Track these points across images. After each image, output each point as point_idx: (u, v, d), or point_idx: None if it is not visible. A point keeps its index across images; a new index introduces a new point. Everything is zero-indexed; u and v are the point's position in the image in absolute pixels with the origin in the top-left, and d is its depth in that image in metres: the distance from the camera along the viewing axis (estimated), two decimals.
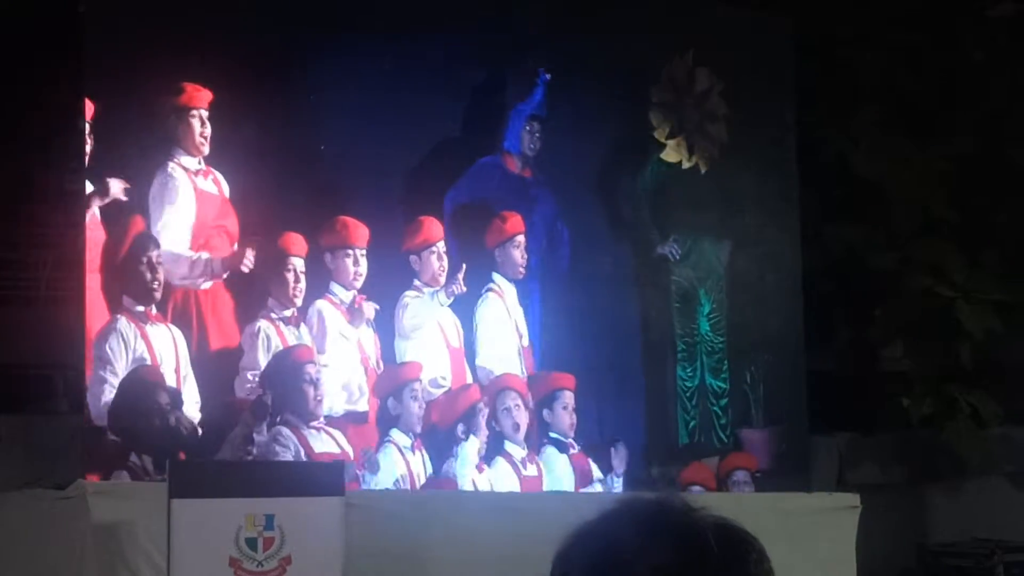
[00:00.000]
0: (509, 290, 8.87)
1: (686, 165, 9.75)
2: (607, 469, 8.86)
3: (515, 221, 8.93)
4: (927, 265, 10.67)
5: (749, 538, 2.40)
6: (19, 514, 7.68)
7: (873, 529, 9.18)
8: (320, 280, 8.15)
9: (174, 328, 7.74)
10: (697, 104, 9.76)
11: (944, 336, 10.72)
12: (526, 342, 8.91)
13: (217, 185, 7.94)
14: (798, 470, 9.69)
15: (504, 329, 8.80)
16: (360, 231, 8.25)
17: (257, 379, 7.80)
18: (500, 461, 8.50)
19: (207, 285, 7.85)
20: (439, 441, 8.29)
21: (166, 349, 7.66)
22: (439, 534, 7.81)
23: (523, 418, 8.54)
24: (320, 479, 6.94)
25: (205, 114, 7.87)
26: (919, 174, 10.77)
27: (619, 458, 8.92)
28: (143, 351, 7.59)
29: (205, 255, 7.81)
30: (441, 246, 8.53)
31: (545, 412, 8.76)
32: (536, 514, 8.09)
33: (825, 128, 10.41)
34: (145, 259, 7.61)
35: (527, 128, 9.02)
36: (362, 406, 8.16)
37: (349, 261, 8.18)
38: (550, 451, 8.75)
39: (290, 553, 6.65)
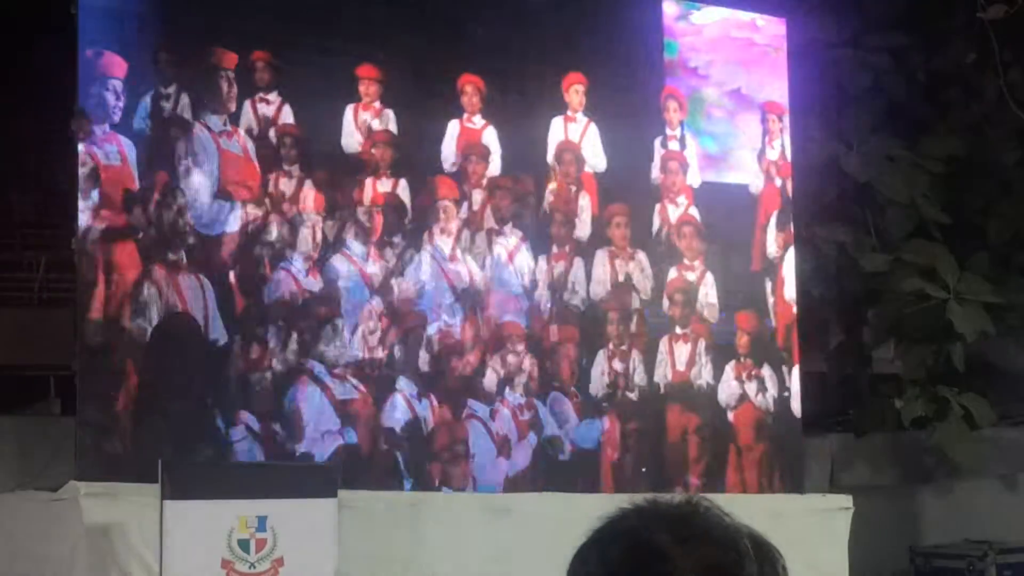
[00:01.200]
0: None
1: None
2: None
3: None
4: (918, 267, 10.68)
5: (774, 546, 2.41)
6: (11, 516, 7.68)
7: (865, 531, 9.20)
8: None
9: (203, 277, 7.87)
10: None
11: (936, 338, 10.73)
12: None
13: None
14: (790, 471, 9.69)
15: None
16: None
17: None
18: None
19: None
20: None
21: (195, 297, 7.81)
22: (432, 535, 7.83)
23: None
24: (313, 481, 6.95)
25: (231, 75, 8.08)
26: (910, 176, 10.79)
27: None
28: (175, 299, 7.75)
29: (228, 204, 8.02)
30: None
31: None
32: (529, 515, 8.12)
33: (817, 130, 10.42)
34: (175, 208, 7.81)
35: None
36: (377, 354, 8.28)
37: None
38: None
39: (282, 555, 6.65)
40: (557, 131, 8.95)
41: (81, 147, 7.64)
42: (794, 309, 9.56)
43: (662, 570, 2.29)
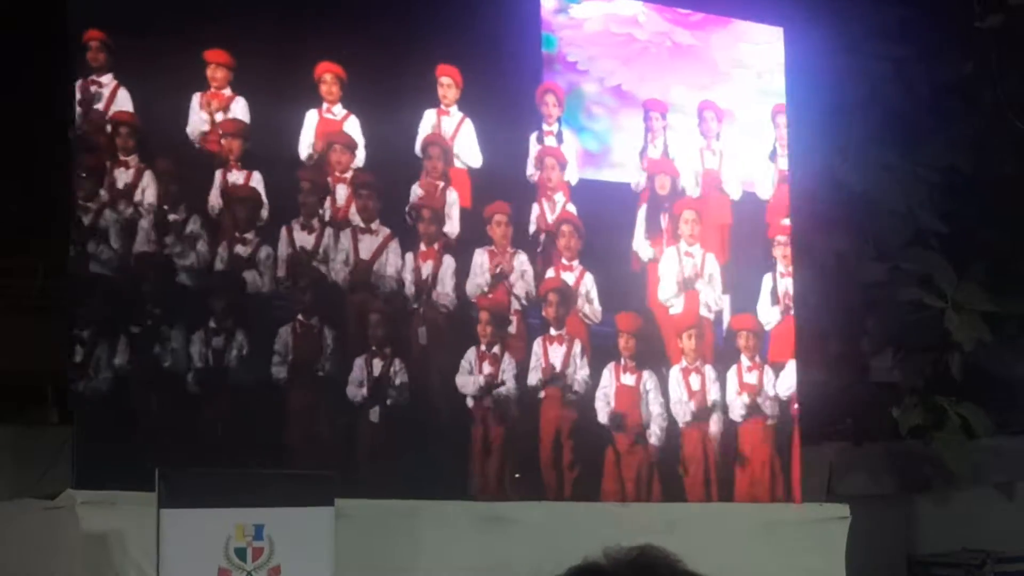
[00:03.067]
0: None
1: None
2: None
3: None
4: (916, 276, 10.69)
5: None
6: (8, 524, 7.68)
7: (862, 540, 9.20)
8: None
9: None
10: None
11: (934, 347, 10.74)
12: None
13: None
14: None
15: None
16: None
17: None
18: None
19: None
20: None
21: None
22: (429, 544, 7.83)
23: None
24: (309, 489, 6.94)
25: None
26: (908, 185, 10.80)
27: None
28: None
29: None
30: None
31: None
32: (527, 523, 8.12)
33: (814, 139, 10.43)
34: None
35: None
36: None
37: None
38: None
39: (280, 563, 6.65)
40: (428, 125, 8.65)
41: None
42: (670, 311, 9.24)
43: None
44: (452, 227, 8.62)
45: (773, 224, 9.72)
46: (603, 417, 8.92)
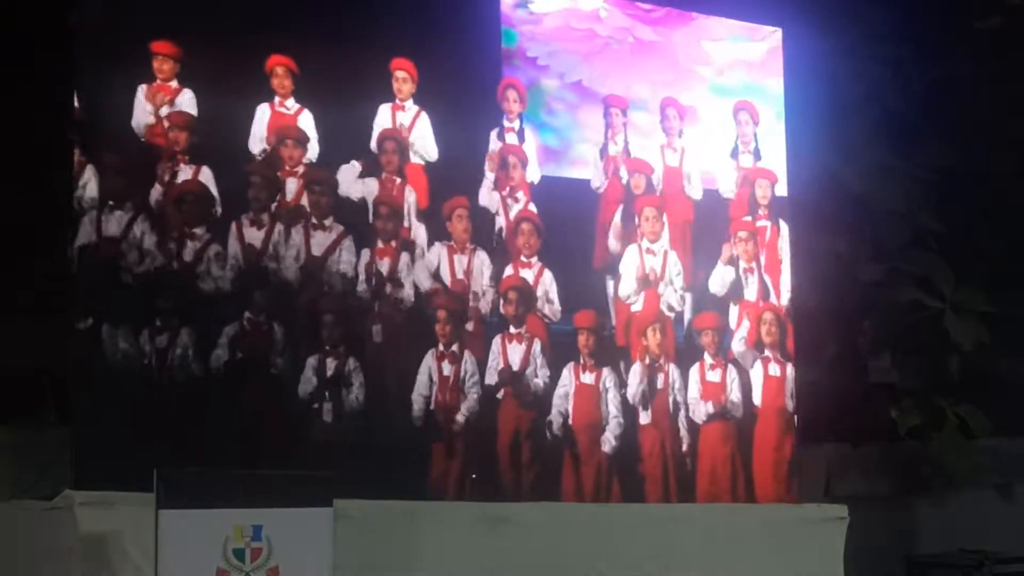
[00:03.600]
0: None
1: None
2: None
3: None
4: (915, 277, 10.69)
5: None
6: (6, 525, 7.67)
7: (861, 541, 9.20)
8: None
9: None
10: None
11: (932, 348, 10.74)
12: None
13: None
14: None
15: None
16: None
17: None
18: None
19: None
20: None
21: None
22: (428, 545, 7.82)
23: None
24: (308, 490, 6.94)
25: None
26: (906, 186, 10.81)
27: None
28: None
29: None
30: None
31: None
32: (526, 524, 8.11)
33: (812, 139, 10.43)
34: None
35: None
36: None
37: None
38: None
39: (278, 564, 6.64)
40: (383, 119, 8.53)
41: None
42: (631, 308, 9.16)
43: None
44: (410, 223, 8.49)
45: (736, 221, 9.62)
46: (562, 416, 8.83)
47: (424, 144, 8.62)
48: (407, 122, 8.60)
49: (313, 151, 8.28)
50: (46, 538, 7.31)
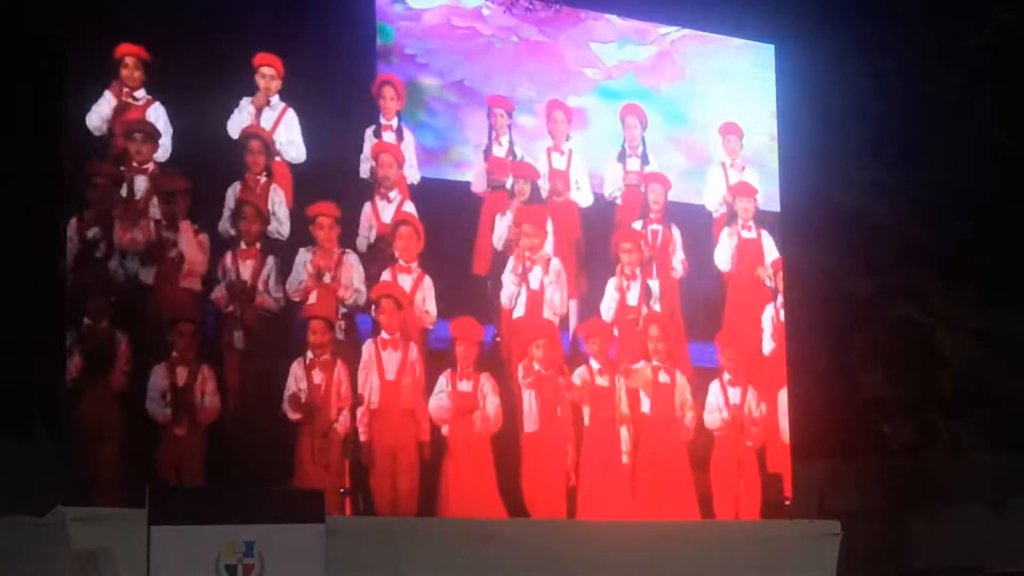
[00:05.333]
0: None
1: None
2: None
3: None
4: (906, 292, 10.71)
5: None
6: None
7: (854, 557, 9.20)
8: None
9: None
10: None
11: (924, 363, 10.76)
12: None
13: None
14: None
15: None
16: None
17: None
18: None
19: None
20: None
21: None
22: (419, 561, 7.81)
23: None
24: (299, 506, 6.93)
25: None
26: (897, 202, 10.83)
27: None
28: None
29: None
30: None
31: None
32: (513, 540, 8.10)
33: (804, 155, 10.46)
34: None
35: None
36: None
37: None
38: None
39: None
40: (245, 115, 8.22)
41: None
42: (514, 315, 8.90)
43: None
44: (277, 225, 8.18)
45: (623, 225, 9.36)
46: (438, 426, 8.52)
47: (290, 143, 8.29)
48: (272, 120, 8.28)
49: (165, 146, 7.90)
50: (38, 554, 7.30)
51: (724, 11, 9.89)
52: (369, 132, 8.57)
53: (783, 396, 9.59)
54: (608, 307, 9.21)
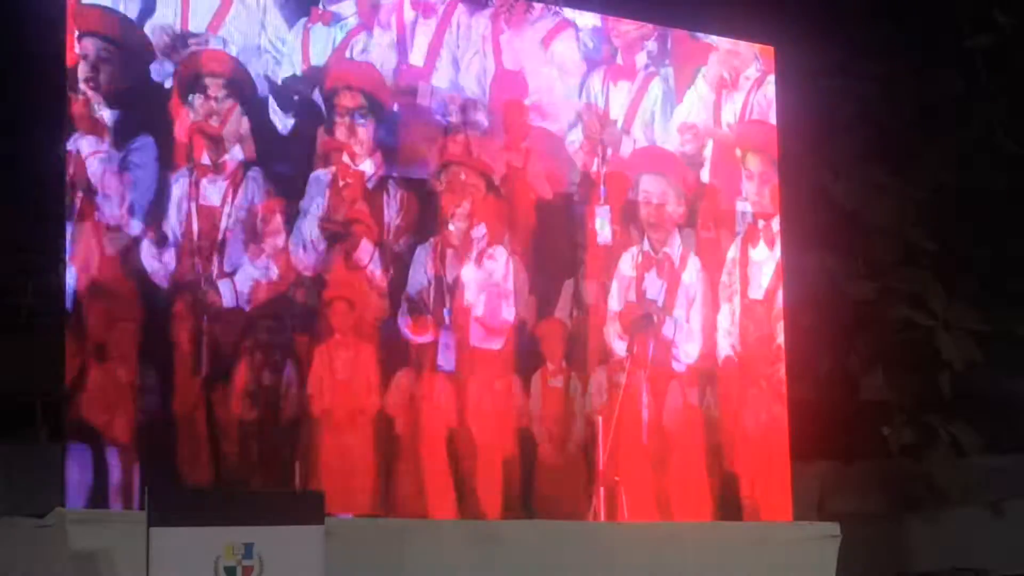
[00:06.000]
0: None
1: None
2: None
3: None
4: (906, 294, 10.71)
5: None
6: None
7: (853, 559, 9.19)
8: None
9: None
10: None
11: (924, 365, 10.75)
12: None
13: None
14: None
15: None
16: None
17: None
18: None
19: None
20: None
21: None
22: (421, 564, 7.80)
23: None
24: (299, 507, 6.93)
25: None
26: (898, 204, 10.83)
27: None
28: None
29: None
30: None
31: None
32: (519, 542, 8.10)
33: (804, 157, 10.46)
34: None
35: None
36: None
37: None
38: None
39: None
40: None
41: None
42: (474, 313, 8.81)
43: None
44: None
45: (587, 224, 9.27)
46: (393, 424, 8.43)
47: None
48: None
49: None
50: (37, 556, 7.29)
51: (724, 13, 9.90)
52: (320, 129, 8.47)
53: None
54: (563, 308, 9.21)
